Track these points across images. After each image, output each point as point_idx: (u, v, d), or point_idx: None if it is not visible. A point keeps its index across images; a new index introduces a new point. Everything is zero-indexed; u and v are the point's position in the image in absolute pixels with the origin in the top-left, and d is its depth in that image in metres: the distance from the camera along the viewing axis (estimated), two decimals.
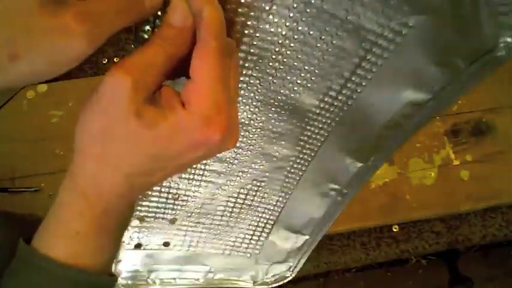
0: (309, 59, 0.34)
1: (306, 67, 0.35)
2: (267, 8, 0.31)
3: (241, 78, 0.36)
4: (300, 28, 0.32)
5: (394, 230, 0.64)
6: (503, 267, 1.15)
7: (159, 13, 0.29)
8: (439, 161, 0.65)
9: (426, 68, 0.37)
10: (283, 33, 0.33)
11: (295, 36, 0.33)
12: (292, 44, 0.33)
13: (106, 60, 0.73)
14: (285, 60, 0.34)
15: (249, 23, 0.32)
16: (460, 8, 0.34)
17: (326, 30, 0.33)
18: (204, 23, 0.27)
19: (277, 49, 0.34)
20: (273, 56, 0.34)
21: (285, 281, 0.54)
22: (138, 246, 0.49)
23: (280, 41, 0.33)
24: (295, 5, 0.31)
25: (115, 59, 0.72)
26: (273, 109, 0.38)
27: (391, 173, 0.65)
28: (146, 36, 0.30)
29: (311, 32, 0.33)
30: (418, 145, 0.66)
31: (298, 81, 0.36)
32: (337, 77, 0.36)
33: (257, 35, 0.33)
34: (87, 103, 0.28)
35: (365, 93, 0.38)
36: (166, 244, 0.50)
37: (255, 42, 0.33)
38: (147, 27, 0.30)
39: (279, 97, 0.37)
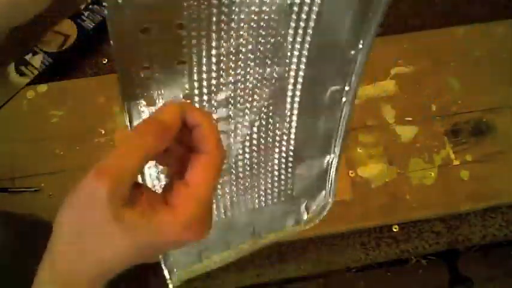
0: None
1: None
2: None
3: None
4: None
5: (394, 230, 0.64)
6: (503, 267, 1.15)
7: None
8: (439, 161, 0.65)
9: None
10: None
11: None
12: None
13: (106, 60, 0.73)
14: None
15: None
16: None
17: None
18: (212, 135, 0.29)
19: None
20: None
21: (327, 208, 0.51)
22: None
23: None
24: None
25: None
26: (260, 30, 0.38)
27: (391, 173, 0.65)
28: None
29: None
30: (418, 145, 0.66)
31: None
32: None
33: None
34: (68, 199, 0.29)
35: None
36: None
37: None
38: None
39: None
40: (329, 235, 0.64)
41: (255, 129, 0.45)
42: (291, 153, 0.49)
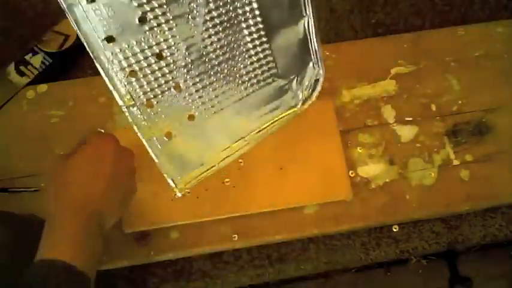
0: None
1: None
2: None
3: None
4: None
5: (394, 230, 0.64)
6: (503, 267, 1.14)
7: None
8: (439, 161, 0.65)
9: None
10: None
11: None
12: None
13: None
14: None
15: None
16: None
17: None
18: None
19: None
20: None
21: (321, 81, 0.50)
22: (168, 134, 0.47)
23: None
24: None
25: None
26: None
27: (391, 173, 0.65)
28: None
29: None
30: (418, 145, 0.66)
31: None
32: None
33: None
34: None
35: None
36: (191, 117, 0.47)
37: None
38: None
39: None
40: (329, 235, 0.64)
41: (211, 5, 0.42)
42: (261, 25, 0.46)
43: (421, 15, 0.76)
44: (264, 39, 0.47)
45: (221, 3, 0.43)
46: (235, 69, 0.47)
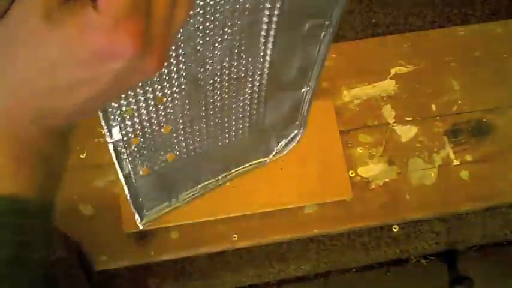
0: None
1: None
2: None
3: None
4: None
5: (394, 230, 0.64)
6: (503, 267, 1.14)
7: None
8: (439, 161, 0.65)
9: None
10: None
11: None
12: None
13: None
14: None
15: None
16: None
17: None
18: None
19: None
20: None
21: (297, 138, 0.51)
22: (144, 171, 0.46)
23: None
24: None
25: None
26: None
27: (391, 173, 0.65)
28: None
29: None
30: (418, 145, 0.66)
31: None
32: None
33: None
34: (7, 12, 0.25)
35: None
36: (171, 157, 0.47)
37: None
38: None
39: None
40: (329, 235, 0.64)
41: (225, 64, 0.42)
42: (264, 88, 0.47)
43: (421, 15, 0.76)
44: (262, 99, 0.48)
45: (235, 63, 0.43)
46: (226, 119, 0.47)
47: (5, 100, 0.26)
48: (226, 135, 0.49)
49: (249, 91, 0.47)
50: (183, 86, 0.42)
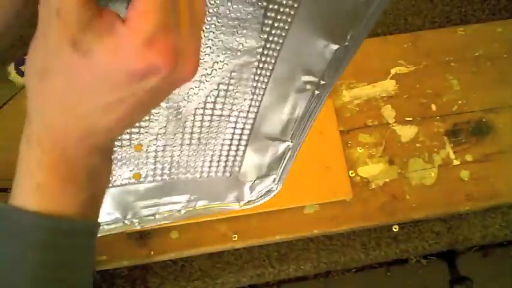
0: None
1: None
2: None
3: None
4: None
5: (394, 230, 0.64)
6: (503, 267, 1.15)
7: None
8: (439, 161, 0.65)
9: None
10: None
11: None
12: None
13: None
14: None
15: None
16: None
17: None
18: None
19: None
20: None
21: (272, 194, 0.50)
22: None
23: None
24: None
25: None
26: None
27: (391, 173, 0.65)
28: None
29: None
30: (418, 145, 0.66)
31: None
32: None
33: None
34: (33, 40, 0.25)
35: None
36: (136, 176, 0.45)
37: None
38: None
39: None
40: (329, 235, 0.64)
41: (210, 98, 0.41)
42: (247, 132, 0.46)
43: (421, 15, 0.76)
44: (243, 142, 0.47)
45: (222, 101, 0.42)
46: (202, 153, 0.46)
47: (48, 126, 0.27)
48: (198, 170, 0.47)
49: (231, 131, 0.45)
50: (163, 111, 0.41)
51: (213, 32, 0.37)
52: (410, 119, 0.67)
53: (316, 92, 0.44)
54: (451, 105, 0.68)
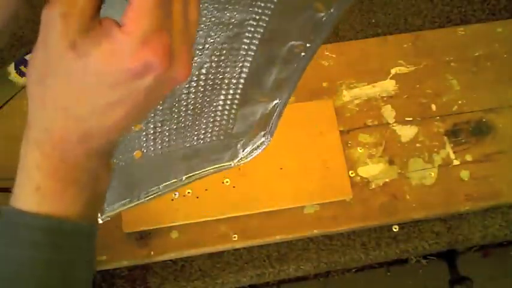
0: None
1: None
2: None
3: None
4: None
5: (394, 230, 0.64)
6: (503, 267, 1.15)
7: None
8: (439, 161, 0.65)
9: None
10: None
11: None
12: None
13: None
14: None
15: None
16: None
17: None
18: None
19: None
20: None
21: (263, 147, 0.51)
22: None
23: None
24: None
25: None
26: None
27: (391, 173, 0.65)
28: None
29: None
30: (418, 145, 0.66)
31: None
32: None
33: None
34: (35, 45, 0.27)
35: None
36: (138, 154, 0.47)
37: None
38: None
39: None
40: (329, 235, 0.64)
41: (203, 70, 0.44)
42: (238, 97, 0.48)
43: (421, 15, 0.76)
44: (235, 107, 0.49)
45: (213, 71, 0.44)
46: (197, 122, 0.48)
47: (47, 129, 0.27)
48: (195, 138, 0.49)
49: (223, 98, 0.47)
50: None
51: (206, 10, 0.39)
52: (410, 119, 0.68)
53: (303, 54, 0.46)
54: (451, 105, 0.68)
